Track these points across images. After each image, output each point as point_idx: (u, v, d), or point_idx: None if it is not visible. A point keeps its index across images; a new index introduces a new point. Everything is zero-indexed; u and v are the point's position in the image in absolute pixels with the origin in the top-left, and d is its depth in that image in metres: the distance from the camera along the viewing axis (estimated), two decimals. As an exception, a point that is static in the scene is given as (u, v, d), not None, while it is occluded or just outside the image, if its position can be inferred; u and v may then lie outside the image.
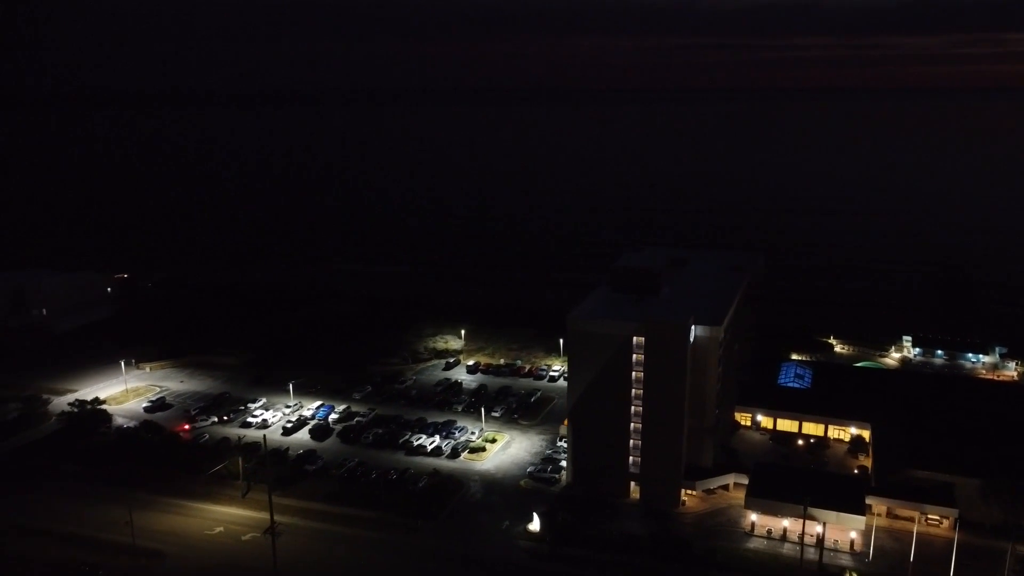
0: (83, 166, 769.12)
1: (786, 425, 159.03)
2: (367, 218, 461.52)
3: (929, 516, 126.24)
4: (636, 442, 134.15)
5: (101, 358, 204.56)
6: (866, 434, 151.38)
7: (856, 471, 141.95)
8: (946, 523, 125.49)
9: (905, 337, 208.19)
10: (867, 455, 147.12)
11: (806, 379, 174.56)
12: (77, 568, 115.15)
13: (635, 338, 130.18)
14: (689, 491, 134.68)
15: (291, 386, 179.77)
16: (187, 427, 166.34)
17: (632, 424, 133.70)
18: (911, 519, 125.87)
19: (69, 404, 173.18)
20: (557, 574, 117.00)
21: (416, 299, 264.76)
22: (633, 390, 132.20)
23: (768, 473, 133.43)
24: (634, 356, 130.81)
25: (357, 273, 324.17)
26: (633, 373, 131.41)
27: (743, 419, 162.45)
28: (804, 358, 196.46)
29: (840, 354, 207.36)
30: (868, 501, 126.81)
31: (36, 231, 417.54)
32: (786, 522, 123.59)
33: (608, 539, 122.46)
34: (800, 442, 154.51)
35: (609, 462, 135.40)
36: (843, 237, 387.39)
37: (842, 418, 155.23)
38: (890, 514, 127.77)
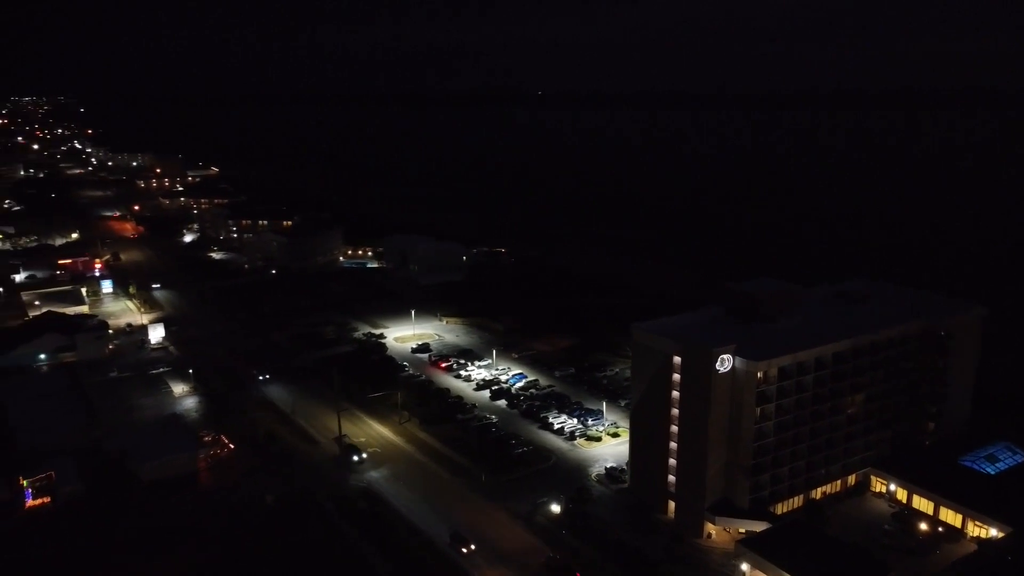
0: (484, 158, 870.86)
1: (922, 505, 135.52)
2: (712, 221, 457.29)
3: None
4: (674, 462, 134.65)
5: (420, 306, 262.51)
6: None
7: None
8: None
9: None
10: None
11: (1001, 464, 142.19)
12: (263, 435, 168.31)
13: (675, 358, 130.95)
14: (711, 524, 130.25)
15: (493, 352, 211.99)
16: (443, 365, 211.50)
17: (671, 443, 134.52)
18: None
19: (362, 334, 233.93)
20: (532, 551, 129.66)
21: (671, 298, 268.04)
22: (673, 410, 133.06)
23: (790, 530, 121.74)
24: (675, 376, 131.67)
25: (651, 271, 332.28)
26: (673, 392, 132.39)
27: (879, 485, 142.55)
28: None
29: None
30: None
31: (433, 206, 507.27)
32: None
33: (599, 540, 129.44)
34: (924, 526, 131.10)
35: (654, 475, 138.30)
36: None
37: (982, 512, 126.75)
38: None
